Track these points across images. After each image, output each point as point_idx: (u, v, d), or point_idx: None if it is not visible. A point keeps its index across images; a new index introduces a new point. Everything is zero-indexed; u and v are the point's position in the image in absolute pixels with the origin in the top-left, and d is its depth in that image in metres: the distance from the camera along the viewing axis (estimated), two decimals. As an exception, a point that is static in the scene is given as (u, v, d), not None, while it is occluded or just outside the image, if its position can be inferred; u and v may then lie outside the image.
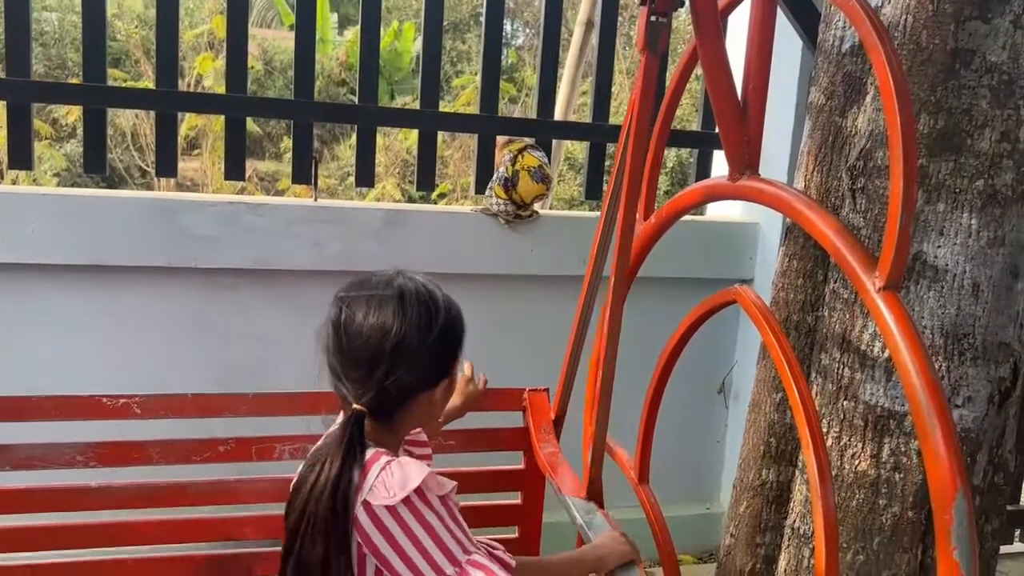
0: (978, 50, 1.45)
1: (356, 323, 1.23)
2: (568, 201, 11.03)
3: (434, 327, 1.25)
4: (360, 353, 1.23)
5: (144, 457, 1.73)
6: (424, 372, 1.26)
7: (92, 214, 2.32)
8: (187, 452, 1.75)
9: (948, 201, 1.49)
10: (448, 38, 14.21)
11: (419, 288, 1.27)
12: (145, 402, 1.74)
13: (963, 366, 1.52)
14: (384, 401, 1.24)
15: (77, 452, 1.70)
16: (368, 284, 1.28)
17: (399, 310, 1.23)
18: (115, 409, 1.72)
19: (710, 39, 1.48)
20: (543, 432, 1.91)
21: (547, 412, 1.96)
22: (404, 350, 1.22)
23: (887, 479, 1.56)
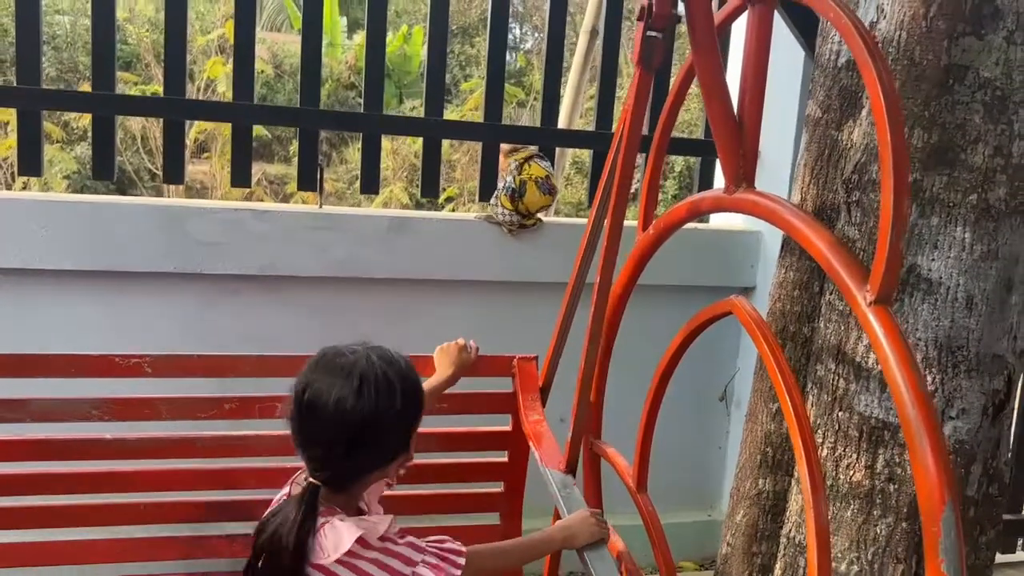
0: (971, 66, 1.47)
1: (317, 405, 1.31)
2: (576, 205, 11.04)
3: (391, 413, 1.33)
4: (318, 436, 1.33)
5: (154, 413, 1.83)
6: (381, 453, 1.36)
7: (100, 220, 2.35)
8: (195, 409, 1.85)
9: (942, 215, 1.50)
10: (457, 42, 14.26)
11: (378, 373, 1.33)
12: (155, 361, 1.83)
13: (957, 378, 1.53)
14: (340, 477, 1.35)
15: (92, 407, 1.80)
16: (331, 367, 1.34)
17: (357, 399, 1.30)
18: (127, 368, 1.81)
19: (706, 54, 1.50)
20: (530, 399, 2.01)
21: (535, 379, 2.05)
22: (360, 437, 1.31)
23: (881, 490, 1.57)
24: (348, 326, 2.61)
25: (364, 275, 2.58)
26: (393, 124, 3.13)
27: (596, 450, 1.95)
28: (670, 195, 11.04)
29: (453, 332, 2.72)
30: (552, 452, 1.86)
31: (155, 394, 1.84)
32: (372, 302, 2.63)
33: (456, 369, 1.91)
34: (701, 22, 1.47)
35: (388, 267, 2.59)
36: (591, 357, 1.79)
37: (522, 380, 2.06)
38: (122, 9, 11.37)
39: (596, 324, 1.77)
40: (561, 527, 1.60)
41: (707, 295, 2.84)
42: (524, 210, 2.63)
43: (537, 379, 2.06)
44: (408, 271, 2.61)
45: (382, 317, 2.64)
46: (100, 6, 2.42)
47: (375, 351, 1.37)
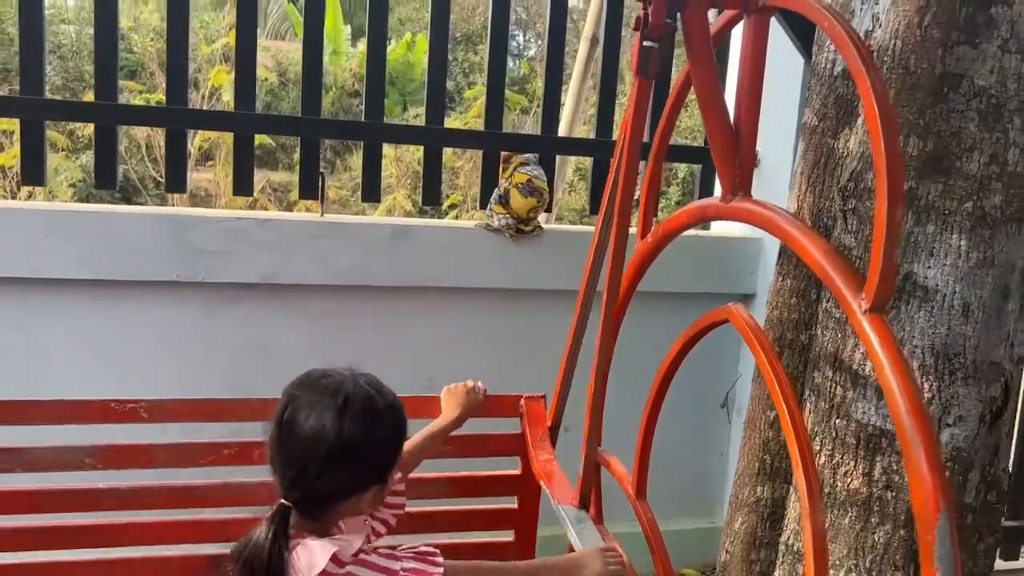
0: (966, 74, 1.47)
1: (296, 424, 1.28)
2: (579, 212, 11.05)
3: (371, 439, 1.30)
4: (295, 453, 1.29)
5: (151, 460, 1.79)
6: (355, 480, 1.32)
7: (103, 229, 2.36)
8: (192, 455, 1.80)
9: (938, 222, 1.51)
10: (460, 49, 14.30)
11: (363, 398, 1.30)
12: (152, 407, 1.79)
13: (954, 385, 1.53)
14: (311, 500, 1.30)
15: (86, 455, 1.75)
16: (316, 386, 1.31)
17: (338, 420, 1.27)
18: (123, 413, 1.77)
19: (702, 63, 1.50)
20: (539, 439, 1.96)
21: (543, 419, 2.00)
22: (337, 459, 1.27)
23: (879, 497, 1.57)
24: (351, 334, 2.63)
25: (366, 283, 2.59)
26: (394, 132, 3.14)
27: (596, 458, 1.96)
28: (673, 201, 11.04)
29: (455, 339, 2.74)
30: (564, 488, 1.80)
31: (152, 439, 1.79)
32: (374, 310, 2.64)
33: (463, 411, 1.87)
34: (696, 32, 1.48)
35: (390, 275, 2.60)
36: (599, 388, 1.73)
37: (530, 420, 2.01)
38: (127, 18, 11.43)
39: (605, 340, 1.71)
40: (565, 559, 1.55)
41: (708, 302, 2.85)
42: (514, 214, 2.65)
43: (545, 418, 2.01)
44: (410, 279, 2.62)
45: (384, 325, 2.66)
46: (103, 16, 2.44)
47: (363, 376, 1.34)
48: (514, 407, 2.02)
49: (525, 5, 15.27)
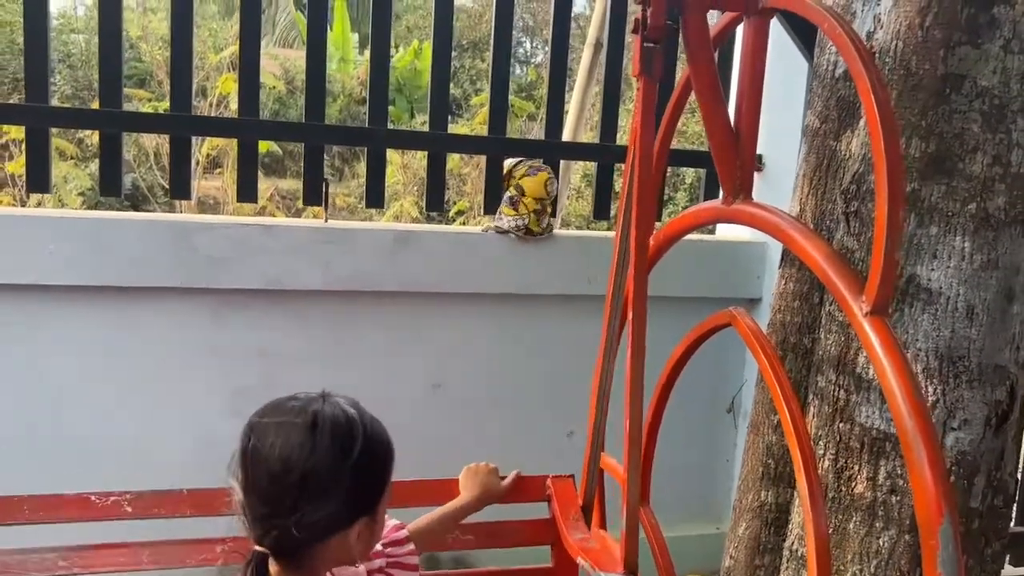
0: (968, 75, 1.46)
1: (262, 453, 1.12)
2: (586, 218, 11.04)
3: (348, 460, 1.13)
4: (264, 487, 1.12)
5: (134, 561, 1.56)
6: (336, 511, 1.13)
7: (109, 236, 2.37)
8: (181, 554, 1.58)
9: (941, 224, 1.49)
10: (467, 56, 14.31)
11: (337, 415, 1.14)
12: (136, 499, 1.60)
13: (959, 389, 1.52)
14: (288, 542, 1.12)
15: (59, 557, 1.52)
16: (282, 409, 1.16)
17: (308, 440, 1.11)
18: (104, 508, 1.58)
19: (702, 65, 1.50)
20: (571, 520, 1.77)
21: (574, 499, 1.82)
22: (311, 485, 1.10)
23: (884, 502, 1.56)
24: (356, 340, 2.63)
25: (370, 288, 2.59)
26: (398, 138, 3.15)
27: (600, 463, 1.94)
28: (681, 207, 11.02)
29: (460, 345, 2.73)
30: (606, 558, 1.62)
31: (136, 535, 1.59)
32: (378, 315, 2.64)
33: (482, 492, 1.70)
34: (696, 34, 1.48)
35: (394, 281, 2.60)
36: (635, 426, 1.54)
37: (560, 502, 1.81)
38: (135, 27, 11.49)
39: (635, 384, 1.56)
40: None
41: (713, 307, 2.81)
42: (532, 205, 2.66)
43: (576, 498, 1.82)
44: (414, 284, 2.62)
45: (389, 330, 2.65)
46: (107, 24, 2.45)
47: (335, 395, 1.19)
48: (540, 489, 1.83)
49: (532, 12, 15.30)
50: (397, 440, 1.29)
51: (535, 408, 2.81)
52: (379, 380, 2.61)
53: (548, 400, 2.80)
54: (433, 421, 2.70)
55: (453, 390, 2.73)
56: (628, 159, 1.76)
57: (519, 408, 2.81)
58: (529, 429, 2.78)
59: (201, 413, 2.48)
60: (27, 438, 2.38)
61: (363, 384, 1.56)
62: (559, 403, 2.75)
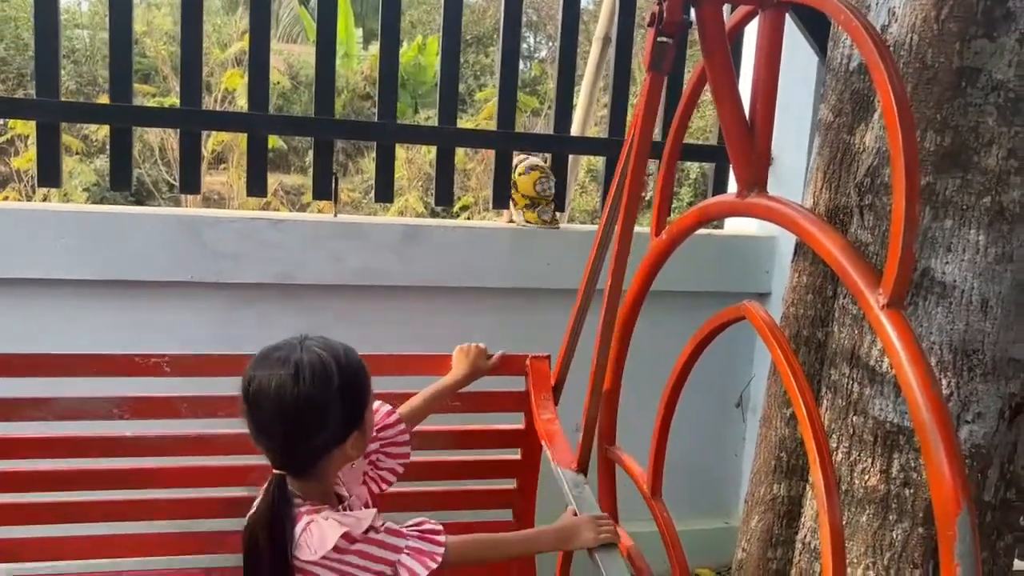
0: (984, 68, 1.46)
1: (260, 397, 1.38)
2: (591, 213, 11.04)
3: (331, 390, 1.39)
4: (266, 427, 1.40)
5: (174, 411, 1.91)
6: (331, 432, 1.41)
7: (117, 230, 2.38)
8: (212, 407, 1.91)
9: (955, 218, 1.49)
10: (472, 51, 14.31)
11: (312, 357, 1.39)
12: (174, 360, 1.91)
13: (973, 382, 1.52)
14: (298, 463, 1.42)
15: (113, 405, 1.87)
16: (268, 360, 1.41)
17: (295, 382, 1.36)
18: (147, 367, 1.89)
19: (718, 59, 1.50)
20: (542, 398, 2.05)
21: (548, 378, 2.09)
22: (305, 418, 1.38)
23: (897, 495, 1.56)
24: (364, 334, 2.61)
25: (379, 283, 2.60)
26: (406, 133, 3.15)
27: (611, 456, 1.95)
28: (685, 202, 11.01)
29: (469, 338, 2.72)
30: (564, 451, 1.89)
31: (174, 393, 1.91)
32: (387, 310, 2.64)
33: (471, 370, 1.98)
34: (712, 27, 1.48)
35: (402, 275, 2.60)
36: (602, 358, 1.82)
37: (535, 379, 2.09)
38: (140, 23, 11.49)
39: (607, 326, 1.80)
40: (558, 527, 1.65)
41: (722, 301, 2.83)
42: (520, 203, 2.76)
43: (550, 378, 2.10)
44: (422, 279, 2.62)
45: (398, 324, 2.66)
46: (117, 18, 2.46)
47: (310, 339, 1.44)
48: (520, 366, 2.11)
49: (536, 7, 15.27)
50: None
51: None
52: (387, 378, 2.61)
53: (557, 394, 2.80)
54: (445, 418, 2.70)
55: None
56: (625, 148, 1.77)
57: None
58: (538, 423, 2.78)
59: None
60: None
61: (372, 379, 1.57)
62: (566, 396, 2.75)
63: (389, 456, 1.73)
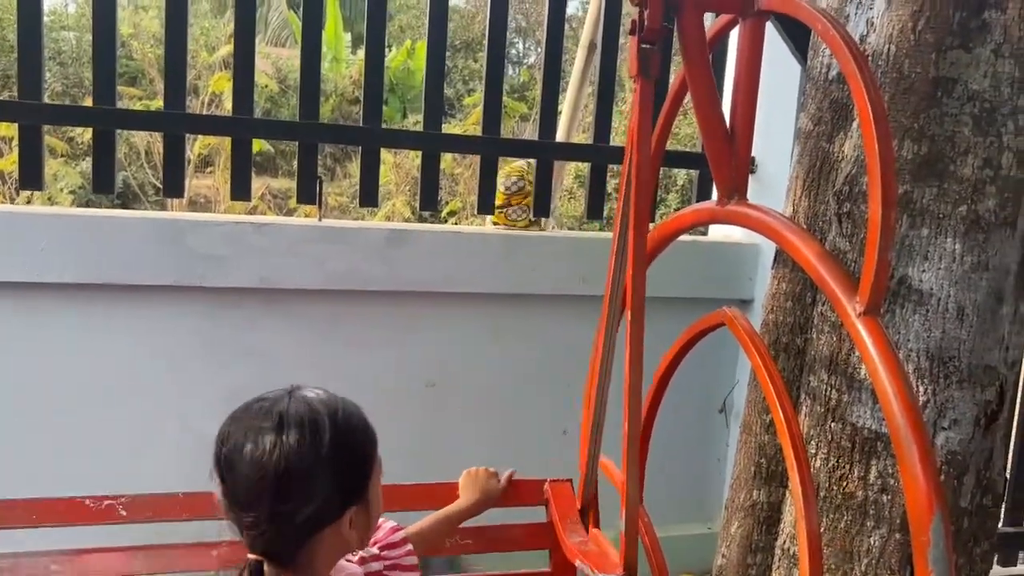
0: (960, 78, 1.48)
1: (235, 456, 1.12)
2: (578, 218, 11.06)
3: (322, 450, 1.11)
4: (244, 492, 1.11)
5: (127, 566, 1.55)
6: (321, 503, 1.12)
7: (101, 233, 2.37)
8: (176, 559, 1.57)
9: (932, 226, 1.51)
10: (460, 57, 14.33)
11: (301, 411, 1.13)
12: (131, 503, 1.57)
13: (949, 389, 1.53)
14: (279, 544, 1.12)
15: (52, 560, 1.50)
16: (249, 412, 1.15)
17: (276, 441, 1.10)
18: (98, 512, 1.56)
19: (698, 67, 1.51)
20: (569, 524, 1.76)
21: (572, 502, 1.81)
22: (288, 486, 1.09)
23: (875, 501, 1.57)
24: (349, 339, 2.63)
25: (363, 288, 2.60)
26: (392, 137, 3.15)
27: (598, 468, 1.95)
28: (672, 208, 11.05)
29: (453, 344, 2.74)
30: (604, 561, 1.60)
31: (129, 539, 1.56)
32: (371, 315, 2.65)
33: (482, 496, 1.69)
34: (692, 36, 1.49)
35: (387, 280, 2.60)
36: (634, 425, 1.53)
37: (558, 506, 1.80)
38: (127, 25, 11.46)
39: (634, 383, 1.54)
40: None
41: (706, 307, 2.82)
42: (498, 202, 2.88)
43: (574, 501, 1.81)
44: (407, 284, 2.63)
45: (382, 329, 2.66)
46: (101, 20, 2.45)
47: (300, 388, 1.18)
48: (538, 493, 1.81)
49: (524, 13, 15.31)
50: (392, 438, 1.29)
51: (529, 406, 2.82)
52: (374, 379, 2.61)
53: (542, 398, 2.81)
54: (428, 419, 2.70)
55: (447, 389, 2.74)
56: (626, 159, 1.77)
57: (513, 406, 2.82)
58: (523, 427, 2.79)
59: (193, 413, 2.48)
60: (16, 438, 2.37)
61: (357, 383, 1.57)
62: (553, 401, 2.76)
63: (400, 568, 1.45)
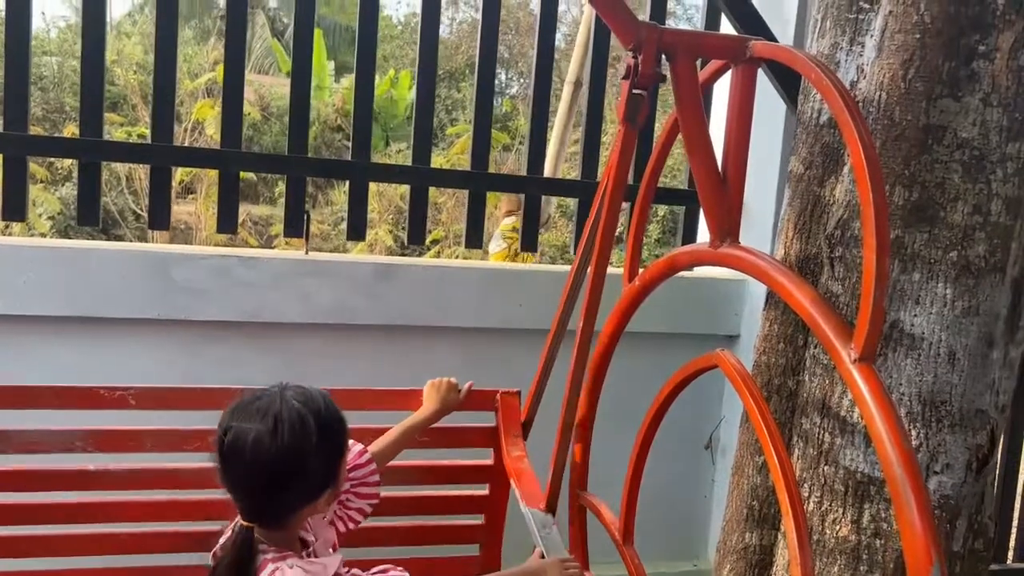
0: (949, 126, 1.50)
1: (236, 449, 1.34)
2: (560, 248, 11.11)
3: (309, 451, 1.35)
4: (241, 480, 1.36)
5: (138, 444, 1.87)
6: (306, 491, 1.39)
7: (85, 266, 2.34)
8: (178, 441, 1.88)
9: (923, 271, 1.52)
10: (443, 86, 14.42)
11: (292, 411, 1.35)
12: (140, 393, 1.87)
13: (941, 433, 1.54)
14: (268, 517, 1.38)
15: (76, 438, 1.83)
16: (246, 411, 1.37)
17: (273, 441, 1.32)
18: (112, 399, 1.85)
19: (691, 112, 1.52)
20: (512, 434, 2.05)
21: (518, 414, 2.10)
22: (281, 478, 1.35)
23: (868, 545, 1.57)
24: (335, 373, 2.60)
25: (350, 322, 2.58)
26: (381, 172, 3.15)
27: (583, 502, 1.94)
28: (653, 239, 11.12)
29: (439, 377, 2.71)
30: (533, 491, 1.89)
31: (139, 426, 1.88)
32: (358, 349, 2.62)
33: (442, 405, 1.98)
34: (686, 81, 1.50)
35: (373, 314, 2.58)
36: (572, 400, 1.84)
37: (504, 415, 2.09)
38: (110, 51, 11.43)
39: (578, 369, 1.81)
40: (524, 569, 1.66)
41: (692, 343, 2.87)
42: None
43: (520, 414, 2.09)
44: (394, 318, 2.61)
45: (368, 364, 2.63)
46: (90, 52, 2.44)
47: (290, 390, 1.39)
48: (490, 401, 2.11)
49: (507, 44, 15.46)
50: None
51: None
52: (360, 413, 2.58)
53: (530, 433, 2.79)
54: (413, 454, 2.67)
55: (433, 424, 2.71)
56: (598, 196, 1.80)
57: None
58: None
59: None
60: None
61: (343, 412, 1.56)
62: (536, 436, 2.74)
63: (359, 496, 1.72)
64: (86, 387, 1.86)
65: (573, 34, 13.79)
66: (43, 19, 13.73)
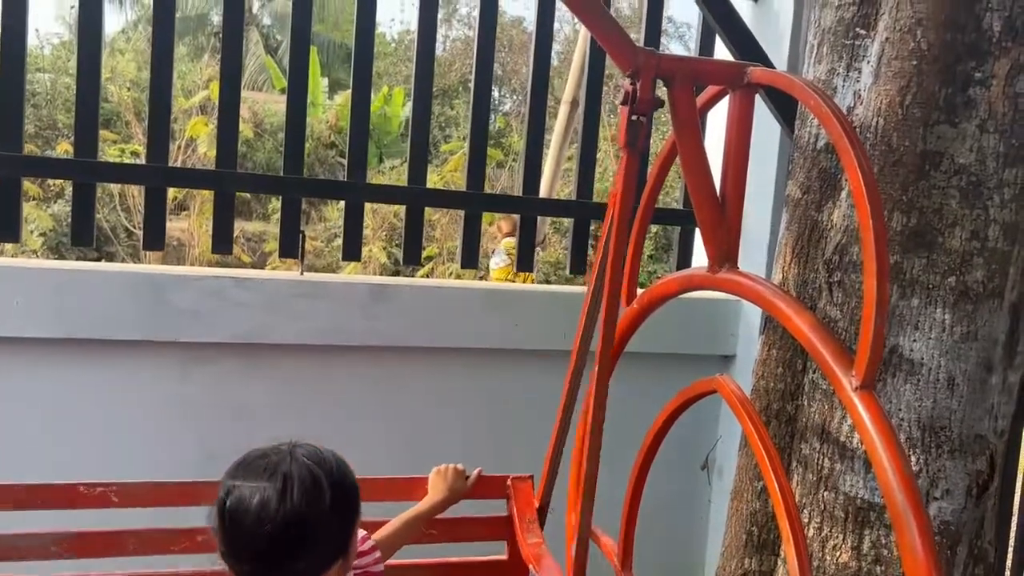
0: (947, 152, 1.51)
1: (240, 511, 1.21)
2: (554, 264, 11.11)
3: (320, 515, 1.23)
4: (244, 545, 1.22)
5: (121, 547, 1.70)
6: (315, 560, 1.25)
7: (78, 287, 2.32)
8: (165, 542, 1.72)
9: (922, 296, 1.52)
10: (437, 104, 14.46)
11: (302, 470, 1.23)
12: (122, 490, 1.70)
13: (940, 459, 1.53)
14: None
15: (51, 542, 1.66)
16: (253, 470, 1.24)
17: (280, 502, 1.20)
18: (92, 498, 1.69)
19: (689, 137, 1.53)
20: (527, 522, 1.89)
21: (531, 500, 1.94)
22: (288, 544, 1.21)
23: (868, 572, 1.56)
24: (330, 395, 2.59)
25: (345, 343, 2.56)
26: (377, 192, 3.15)
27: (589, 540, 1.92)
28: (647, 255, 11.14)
29: (435, 399, 2.71)
30: (554, 573, 1.75)
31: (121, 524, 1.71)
32: (353, 370, 2.61)
33: (450, 494, 1.83)
34: (684, 107, 1.51)
35: (369, 335, 2.57)
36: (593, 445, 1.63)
37: (518, 501, 1.94)
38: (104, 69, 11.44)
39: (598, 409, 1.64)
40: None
41: (688, 363, 2.86)
42: None
43: (533, 499, 1.95)
44: (389, 339, 2.60)
45: (364, 385, 2.62)
46: (86, 72, 2.43)
47: (300, 448, 1.27)
48: (501, 488, 1.95)
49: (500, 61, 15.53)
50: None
51: (512, 463, 2.78)
52: (354, 436, 2.55)
53: (524, 455, 2.77)
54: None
55: (429, 445, 2.70)
56: (605, 226, 1.78)
57: (496, 462, 2.77)
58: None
59: (169, 471, 2.41)
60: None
61: (337, 440, 1.53)
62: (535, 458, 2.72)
63: None
64: (63, 484, 1.68)
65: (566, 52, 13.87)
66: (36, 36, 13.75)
